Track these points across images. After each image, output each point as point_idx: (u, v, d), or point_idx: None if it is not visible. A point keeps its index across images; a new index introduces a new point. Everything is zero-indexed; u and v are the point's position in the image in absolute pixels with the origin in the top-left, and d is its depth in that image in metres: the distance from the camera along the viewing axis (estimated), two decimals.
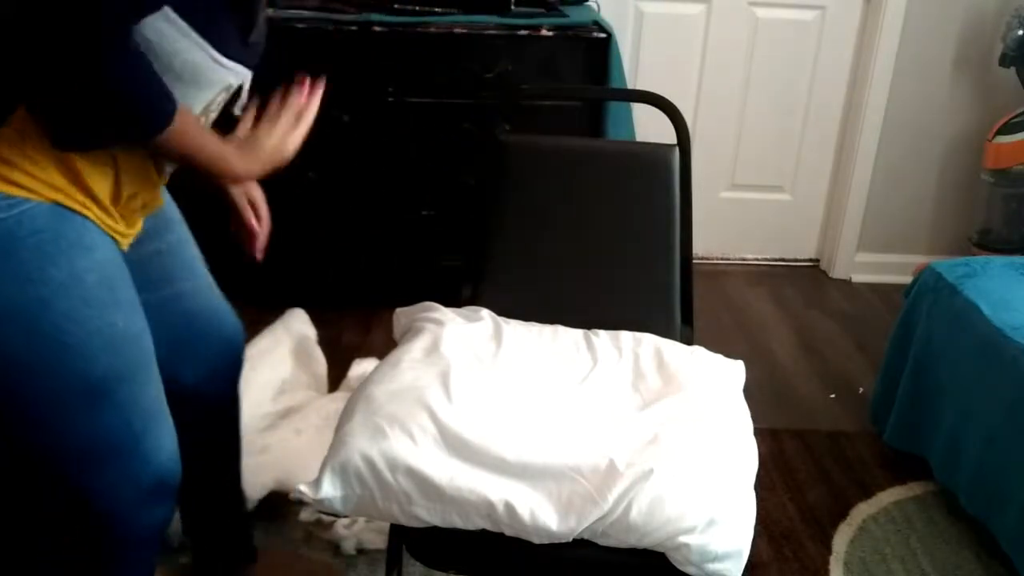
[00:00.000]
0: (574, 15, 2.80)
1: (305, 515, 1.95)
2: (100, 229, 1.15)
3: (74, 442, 1.16)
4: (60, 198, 1.09)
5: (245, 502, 1.71)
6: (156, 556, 1.36)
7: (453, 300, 1.74)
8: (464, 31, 2.65)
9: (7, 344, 1.09)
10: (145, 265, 1.25)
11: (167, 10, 1.06)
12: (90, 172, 1.12)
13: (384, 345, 1.72)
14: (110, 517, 1.23)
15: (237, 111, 1.30)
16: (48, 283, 1.08)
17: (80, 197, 1.12)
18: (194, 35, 1.10)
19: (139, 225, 1.27)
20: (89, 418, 1.16)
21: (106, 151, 1.14)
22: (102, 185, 1.15)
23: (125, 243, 1.22)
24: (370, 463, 1.28)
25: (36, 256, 1.07)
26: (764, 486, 2.13)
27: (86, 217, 1.13)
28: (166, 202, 1.36)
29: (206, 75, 1.15)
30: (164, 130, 1.09)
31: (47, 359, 1.11)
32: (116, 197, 1.18)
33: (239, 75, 1.21)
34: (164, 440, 1.26)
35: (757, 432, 1.47)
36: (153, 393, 1.24)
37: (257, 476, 1.92)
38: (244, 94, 1.28)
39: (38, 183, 1.07)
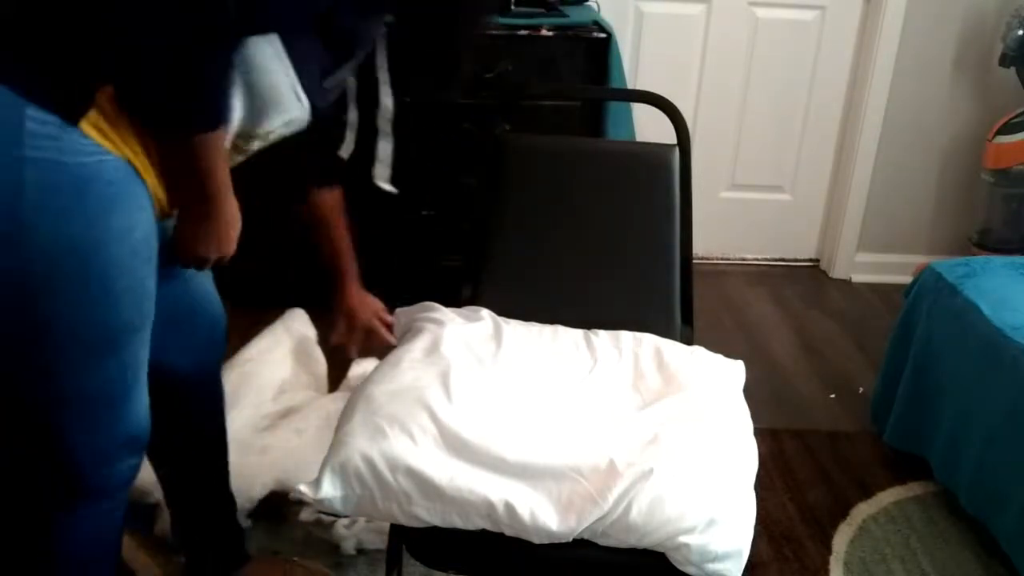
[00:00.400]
0: (574, 15, 2.80)
1: (305, 515, 1.94)
2: (150, 193, 1.20)
3: (74, 389, 1.20)
4: (132, 158, 1.16)
5: (235, 506, 1.72)
6: (124, 514, 1.37)
7: (453, 300, 1.74)
8: None
9: (58, 278, 1.13)
10: (162, 236, 1.28)
11: (273, 34, 1.15)
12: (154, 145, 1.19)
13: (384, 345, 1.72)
14: (89, 468, 1.26)
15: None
16: (108, 230, 1.14)
17: (146, 162, 1.18)
18: (287, 61, 1.18)
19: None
20: (95, 366, 1.20)
21: None
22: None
23: (159, 213, 1.27)
24: (370, 463, 1.28)
25: (104, 203, 1.13)
26: (764, 486, 2.13)
27: (144, 180, 1.19)
28: None
29: (282, 101, 1.22)
30: (213, 131, 1.14)
31: (85, 300, 1.15)
32: None
33: (304, 113, 1.26)
34: (143, 397, 1.30)
35: (757, 432, 1.47)
36: (145, 352, 1.28)
37: (257, 476, 1.92)
38: None
39: (120, 140, 1.14)
